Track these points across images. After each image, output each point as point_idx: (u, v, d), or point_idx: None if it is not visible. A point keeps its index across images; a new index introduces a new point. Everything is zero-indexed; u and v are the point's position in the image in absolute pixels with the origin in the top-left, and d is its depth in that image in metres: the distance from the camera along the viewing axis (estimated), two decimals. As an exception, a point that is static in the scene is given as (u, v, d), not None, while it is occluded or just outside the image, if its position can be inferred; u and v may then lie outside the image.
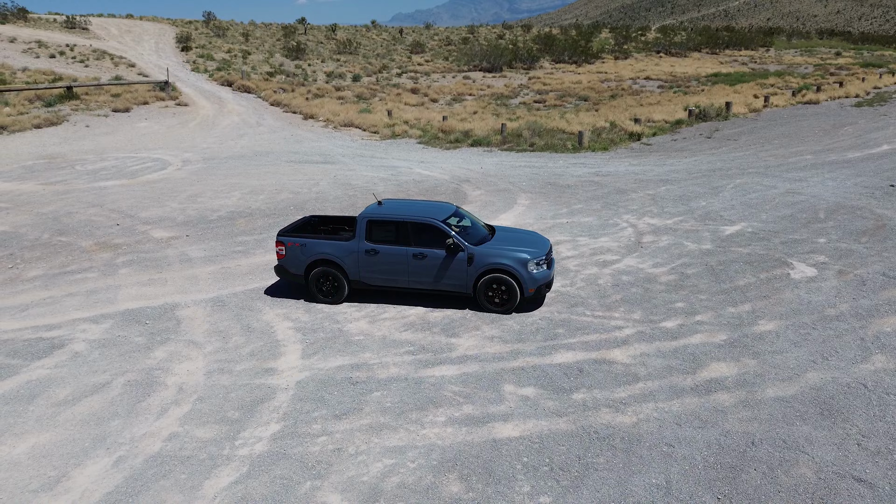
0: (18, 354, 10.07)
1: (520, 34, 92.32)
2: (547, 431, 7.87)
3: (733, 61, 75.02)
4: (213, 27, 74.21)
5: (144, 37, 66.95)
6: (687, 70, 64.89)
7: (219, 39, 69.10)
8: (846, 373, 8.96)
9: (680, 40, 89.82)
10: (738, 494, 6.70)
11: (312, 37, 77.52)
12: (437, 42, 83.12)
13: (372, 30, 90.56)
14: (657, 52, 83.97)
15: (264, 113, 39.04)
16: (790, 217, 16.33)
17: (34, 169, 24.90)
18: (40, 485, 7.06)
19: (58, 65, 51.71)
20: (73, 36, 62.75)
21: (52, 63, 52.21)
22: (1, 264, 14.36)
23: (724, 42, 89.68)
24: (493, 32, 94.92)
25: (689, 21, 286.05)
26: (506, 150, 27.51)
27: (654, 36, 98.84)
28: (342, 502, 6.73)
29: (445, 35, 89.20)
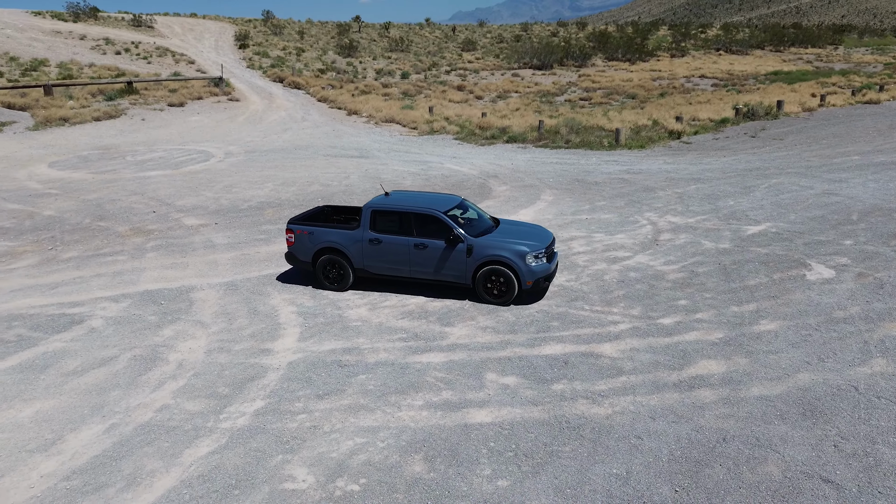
0: (40, 328, 10.78)
1: (574, 32, 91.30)
2: (519, 419, 7.96)
3: (798, 59, 72.30)
4: (271, 25, 76.24)
5: (205, 35, 69.35)
6: (746, 68, 62.95)
7: (275, 37, 70.95)
8: (840, 375, 8.71)
9: (742, 38, 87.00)
10: (696, 488, 6.66)
11: (366, 35, 78.67)
12: (490, 40, 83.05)
13: (425, 27, 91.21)
14: (717, 50, 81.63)
15: (311, 108, 39.97)
16: (820, 218, 15.79)
17: (88, 159, 26.27)
18: (37, 446, 7.60)
19: (122, 61, 54.17)
20: (138, 34, 65.57)
21: (117, 59, 54.74)
22: (42, 246, 15.30)
23: (789, 39, 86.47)
24: (546, 30, 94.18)
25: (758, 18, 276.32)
26: (541, 146, 27.41)
27: (716, 33, 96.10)
28: (307, 476, 7.01)
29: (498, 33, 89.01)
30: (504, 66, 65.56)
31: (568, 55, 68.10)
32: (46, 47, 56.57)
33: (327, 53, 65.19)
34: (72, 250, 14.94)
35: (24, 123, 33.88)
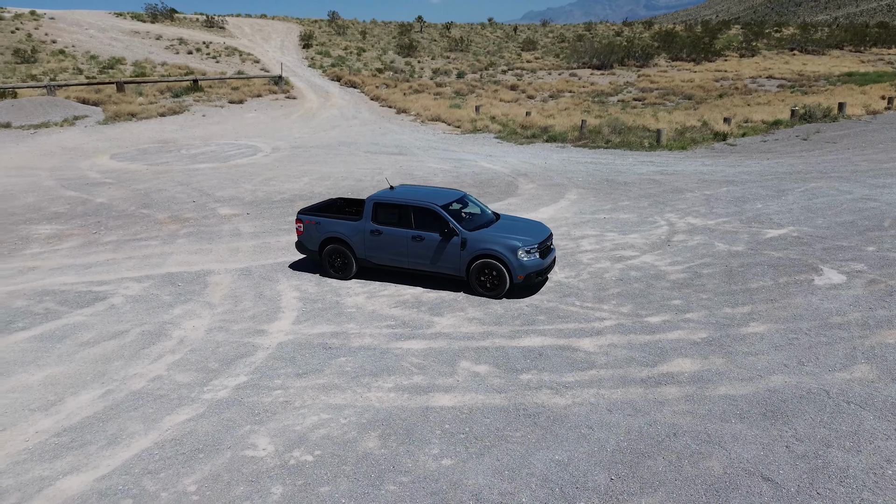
0: (67, 303, 11.76)
1: (639, 31, 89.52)
2: (480, 405, 8.24)
3: (878, 60, 68.70)
4: (335, 26, 78.20)
5: (273, 35, 71.84)
6: (819, 69, 60.32)
7: (338, 37, 72.77)
8: (815, 379, 8.57)
9: (820, 37, 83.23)
10: (633, 477, 6.78)
11: (427, 35, 79.58)
12: (551, 40, 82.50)
13: (487, 27, 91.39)
14: (791, 50, 78.43)
15: (362, 107, 40.96)
16: (849, 223, 15.26)
17: (147, 151, 27.91)
18: (38, 406, 8.42)
19: (192, 60, 56.84)
20: (210, 34, 68.57)
21: (188, 58, 57.47)
22: (87, 230, 16.52)
23: (871, 39, 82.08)
24: (611, 30, 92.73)
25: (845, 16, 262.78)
26: (580, 146, 27.30)
27: (791, 32, 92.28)
28: (268, 445, 7.52)
29: (560, 33, 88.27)
30: (563, 65, 65.10)
31: (629, 55, 67.00)
32: (124, 46, 60.00)
33: (387, 53, 66.38)
34: (112, 235, 16.07)
35: (96, 118, 36.19)
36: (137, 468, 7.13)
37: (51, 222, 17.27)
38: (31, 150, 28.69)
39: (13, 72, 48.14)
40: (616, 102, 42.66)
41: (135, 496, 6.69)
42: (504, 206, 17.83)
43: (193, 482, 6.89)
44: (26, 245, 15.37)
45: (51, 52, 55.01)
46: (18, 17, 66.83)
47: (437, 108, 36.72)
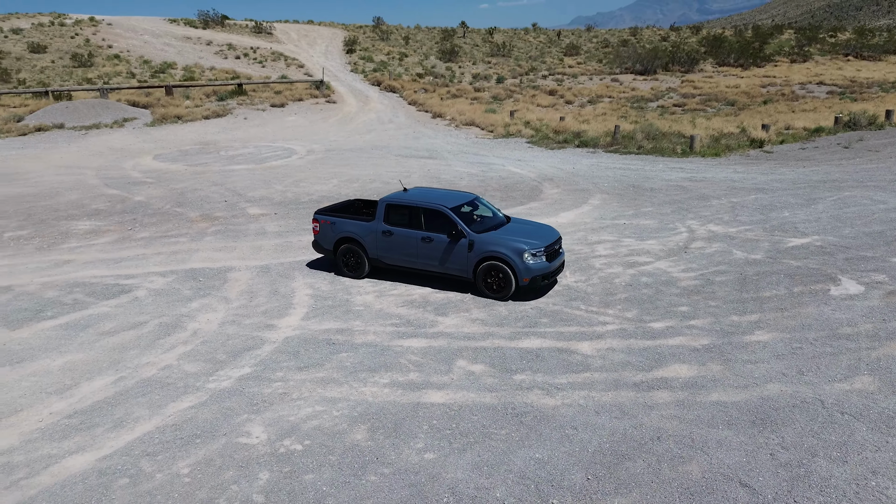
0: (94, 294, 12.38)
1: (687, 36, 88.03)
2: (470, 402, 8.40)
3: (938, 66, 66.01)
4: (379, 31, 79.27)
5: (318, 40, 73.30)
6: (873, 75, 58.39)
7: (381, 42, 73.75)
8: (813, 388, 8.45)
9: (878, 42, 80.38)
10: (609, 478, 6.85)
11: (470, 40, 79.94)
12: (595, 45, 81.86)
13: (531, 32, 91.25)
14: (845, 55, 75.99)
15: (399, 111, 41.48)
16: (877, 234, 14.85)
17: (188, 153, 28.92)
18: (55, 389, 8.94)
19: (239, 65, 58.48)
20: (258, 40, 70.40)
21: (235, 63, 59.15)
22: (123, 226, 17.29)
23: (932, 44, 78.76)
24: (657, 34, 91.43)
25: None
26: (611, 151, 27.13)
27: (847, 37, 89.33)
28: (261, 433, 7.84)
29: (605, 37, 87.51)
30: (605, 70, 64.58)
31: (674, 60, 66.03)
32: (176, 52, 62.13)
33: (428, 58, 66.98)
34: (145, 231, 16.78)
35: (144, 120, 37.63)
36: (137, 450, 7.53)
37: (90, 218, 18.12)
38: (81, 149, 30.06)
39: (70, 75, 50.40)
40: (655, 108, 42.15)
41: (131, 476, 7.08)
42: (526, 210, 17.92)
43: (187, 465, 7.24)
44: (65, 239, 16.18)
45: (106, 57, 57.36)
46: (78, 23, 69.89)
47: (472, 112, 36.95)
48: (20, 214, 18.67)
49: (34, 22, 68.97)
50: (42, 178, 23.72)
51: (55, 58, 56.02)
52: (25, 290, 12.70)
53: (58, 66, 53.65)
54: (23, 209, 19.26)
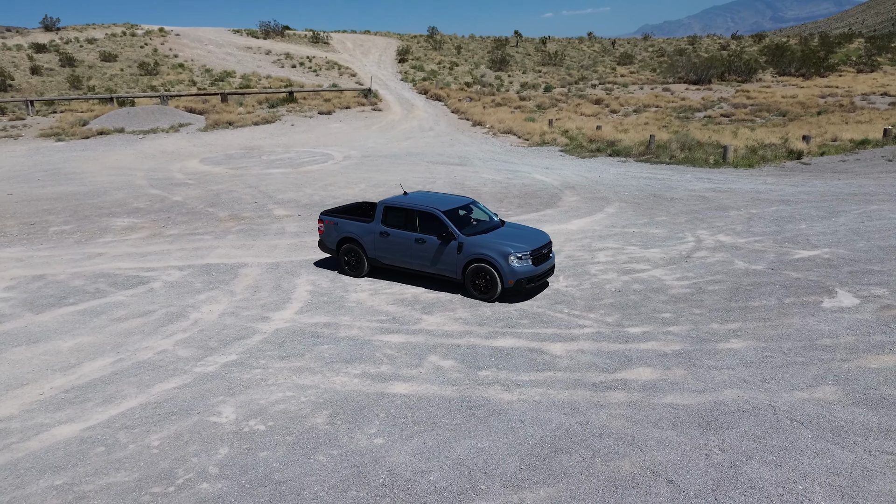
0: (115, 284, 13.37)
1: (748, 44, 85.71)
2: (430, 394, 8.80)
3: None
4: (432, 41, 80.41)
5: (372, 50, 74.98)
6: (944, 86, 55.59)
7: (434, 52, 74.81)
8: (771, 396, 8.48)
9: (955, 51, 76.42)
10: (542, 468, 7.13)
11: (523, 49, 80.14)
12: (650, 54, 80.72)
13: (585, 41, 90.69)
14: (918, 65, 72.45)
15: (441, 119, 42.14)
16: (892, 248, 14.47)
17: (232, 156, 30.30)
18: (60, 367, 9.81)
19: (294, 73, 60.46)
20: (314, 49, 72.57)
21: (291, 72, 61.18)
22: (157, 224, 18.43)
23: None
24: (717, 43, 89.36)
25: None
26: (643, 161, 26.97)
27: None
28: (231, 413, 8.45)
29: (661, 46, 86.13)
30: (658, 80, 63.66)
31: (730, 69, 64.58)
32: (237, 61, 64.74)
33: (479, 67, 67.57)
34: (175, 229, 17.85)
35: (198, 125, 39.51)
36: (118, 423, 8.26)
37: (129, 216, 19.37)
38: (136, 152, 31.89)
39: (136, 83, 53.29)
40: (701, 118, 41.42)
41: (107, 445, 7.79)
42: (539, 216, 18.17)
43: (158, 438, 7.91)
44: (103, 234, 17.39)
45: (171, 66, 60.33)
46: (149, 33, 73.69)
47: (512, 121, 37.24)
48: (68, 211, 20.11)
49: (108, 32, 73.13)
50: (95, 178, 25.38)
51: (124, 66, 59.31)
52: (56, 278, 13.81)
53: (126, 74, 56.79)
54: (71, 206, 20.73)
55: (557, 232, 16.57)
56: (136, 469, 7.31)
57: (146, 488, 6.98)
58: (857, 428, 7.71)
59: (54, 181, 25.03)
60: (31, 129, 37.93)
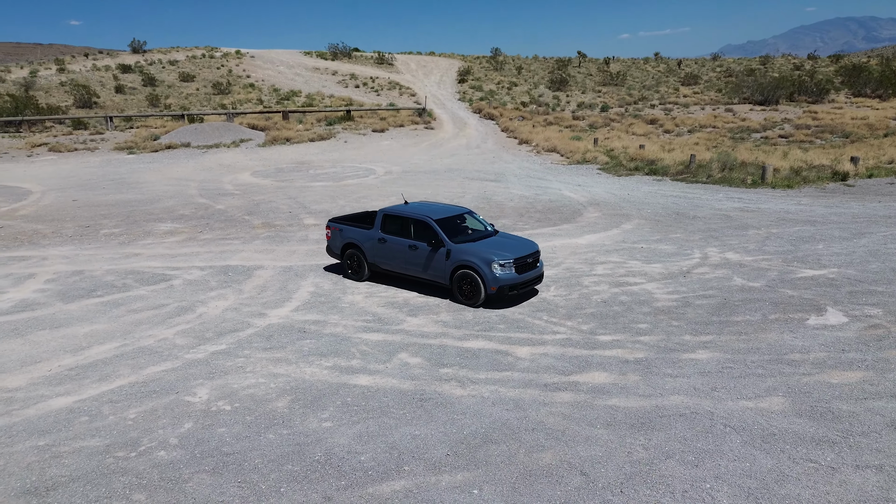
0: (141, 281, 14.60)
1: (824, 65, 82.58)
2: (389, 387, 9.36)
3: None
4: (494, 62, 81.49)
5: (434, 71, 76.72)
6: None
7: (494, 72, 75.81)
8: (715, 403, 8.60)
9: None
10: (467, 455, 7.55)
11: (585, 69, 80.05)
12: (718, 74, 79.00)
13: (650, 62, 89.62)
14: None
15: (490, 138, 42.81)
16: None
17: (283, 170, 31.90)
18: (72, 349, 10.93)
19: (357, 93, 62.62)
20: (379, 70, 74.93)
21: (353, 91, 63.41)
22: (195, 229, 19.82)
23: None
24: (790, 63, 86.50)
25: None
26: (678, 180, 26.74)
27: None
28: (204, 394, 9.27)
29: (729, 67, 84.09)
30: (723, 100, 62.35)
31: (800, 90, 62.56)
32: (304, 81, 67.66)
33: (538, 87, 68.00)
34: (209, 234, 19.17)
35: (257, 141, 41.68)
36: (106, 398, 9.21)
37: (173, 221, 20.89)
38: (196, 165, 34.03)
39: (208, 101, 56.58)
40: (758, 139, 40.41)
41: (91, 415, 8.73)
42: (554, 230, 18.48)
43: (135, 412, 8.80)
44: (145, 237, 18.88)
45: (242, 85, 63.70)
46: (226, 55, 78.02)
47: (558, 139, 37.50)
48: (121, 216, 21.85)
49: (189, 55, 77.91)
50: (153, 188, 27.34)
51: (200, 86, 63.06)
52: (92, 274, 15.19)
53: (200, 93, 60.37)
54: (125, 212, 22.50)
55: (567, 246, 16.85)
56: (108, 436, 8.19)
57: (112, 452, 7.83)
58: (789, 436, 7.76)
59: (117, 190, 27.12)
60: (108, 142, 41.01)
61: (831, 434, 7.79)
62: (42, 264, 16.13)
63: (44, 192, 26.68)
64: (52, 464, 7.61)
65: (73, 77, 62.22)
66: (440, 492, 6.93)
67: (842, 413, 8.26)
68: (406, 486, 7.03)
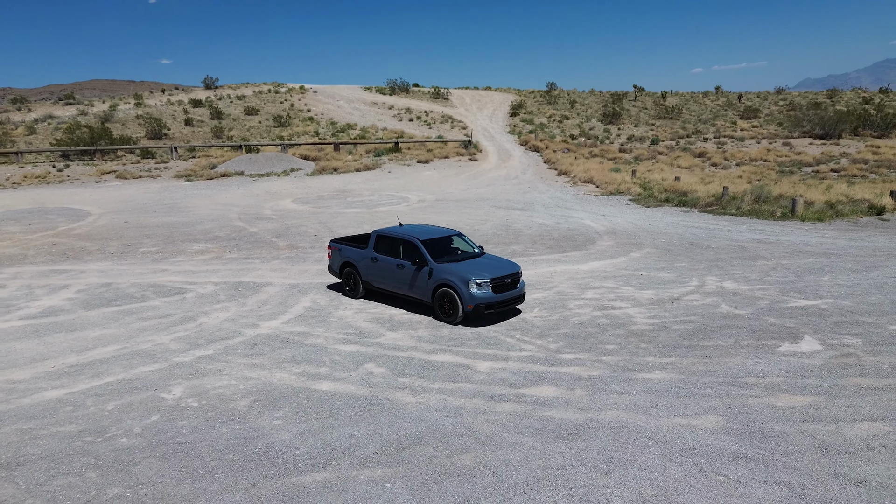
0: (159, 293, 15.78)
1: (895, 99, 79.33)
2: (345, 392, 9.95)
3: None
4: (548, 96, 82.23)
5: (488, 105, 78.09)
6: None
7: (547, 106, 76.46)
8: (648, 418, 8.77)
9: None
10: (393, 454, 8.03)
11: (640, 103, 79.67)
12: (780, 107, 77.09)
13: (710, 95, 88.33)
14: None
15: (530, 169, 43.30)
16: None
17: (322, 197, 33.31)
18: (78, 349, 12.04)
19: (410, 126, 64.44)
20: (434, 104, 76.86)
21: (407, 125, 65.28)
22: (224, 249, 21.11)
23: None
24: (860, 96, 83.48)
25: None
26: (706, 211, 26.47)
27: None
28: (178, 392, 10.09)
29: (792, 100, 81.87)
30: (782, 134, 60.88)
31: (865, 124, 60.43)
32: (361, 115, 70.15)
33: (589, 121, 68.16)
34: (236, 253, 20.39)
35: (306, 171, 43.56)
36: (93, 392, 10.16)
37: (207, 242, 22.29)
38: (244, 192, 35.92)
39: (268, 133, 59.48)
40: (807, 173, 39.34)
41: (75, 405, 9.68)
42: (561, 257, 18.77)
43: (114, 405, 9.70)
44: (177, 255, 20.26)
45: (302, 119, 66.64)
46: (290, 90, 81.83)
47: (597, 171, 37.63)
48: (162, 236, 23.46)
49: (256, 90, 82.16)
50: (199, 212, 29.12)
51: (262, 119, 66.38)
52: (118, 286, 16.52)
53: (262, 125, 63.55)
54: (167, 233, 24.13)
55: (567, 272, 17.13)
56: (83, 424, 9.09)
57: (81, 437, 8.71)
58: (708, 451, 7.88)
59: (166, 213, 29.03)
60: (170, 170, 43.77)
61: (752, 451, 7.86)
62: (79, 277, 17.61)
63: (101, 215, 28.84)
64: (29, 444, 8.54)
65: (148, 111, 66.70)
66: (356, 484, 7.43)
67: (772, 433, 8.30)
68: (327, 478, 7.57)
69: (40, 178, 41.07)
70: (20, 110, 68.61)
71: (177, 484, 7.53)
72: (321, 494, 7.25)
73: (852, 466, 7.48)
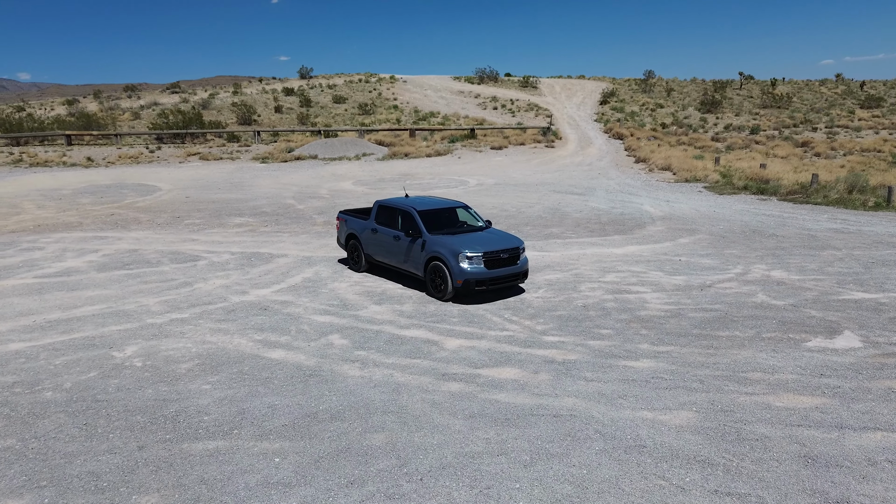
0: (175, 260, 15.78)
1: None
2: (292, 361, 9.24)
3: None
4: (643, 84, 78.37)
5: (578, 93, 75.47)
6: None
7: (641, 94, 72.84)
8: (609, 409, 7.48)
9: None
10: (304, 427, 7.23)
11: (746, 91, 74.32)
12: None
13: (827, 83, 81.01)
14: None
15: (608, 156, 41.10)
16: None
17: (383, 180, 32.99)
18: (67, 306, 12.06)
19: (493, 114, 63.30)
20: (521, 93, 75.21)
21: (490, 113, 64.18)
22: (262, 223, 21.07)
23: None
24: None
25: None
26: (786, 200, 23.78)
27: None
28: (130, 351, 9.76)
29: (923, 89, 73.55)
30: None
31: None
32: (445, 103, 69.71)
33: (685, 109, 64.25)
34: (270, 227, 20.28)
35: (377, 155, 43.55)
36: (54, 345, 10.03)
37: (251, 217, 22.38)
38: (311, 174, 36.26)
39: (352, 120, 60.23)
40: (924, 164, 34.85)
41: (28, 358, 9.55)
42: (601, 240, 17.31)
43: (63, 360, 9.48)
44: (216, 227, 20.41)
45: (387, 107, 67.06)
46: (380, 80, 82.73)
47: (678, 159, 35.06)
48: (212, 211, 23.84)
49: (347, 80, 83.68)
50: (258, 190, 29.55)
51: (349, 107, 67.38)
52: (142, 252, 16.70)
53: (348, 113, 64.48)
54: (218, 208, 24.52)
55: (598, 254, 15.67)
56: (22, 375, 8.91)
57: (11, 389, 8.50)
58: (661, 452, 6.53)
59: (228, 190, 29.66)
60: (250, 153, 45.08)
61: (715, 455, 6.43)
62: (114, 243, 18.01)
63: (169, 191, 29.87)
64: (-39, 391, 8.41)
65: (243, 99, 69.43)
66: (245, 456, 6.69)
67: (751, 436, 6.79)
68: (218, 447, 6.88)
69: (133, 158, 43.44)
70: (130, 97, 73.42)
71: (68, 441, 7.08)
72: (202, 464, 6.56)
73: (838, 483, 5.91)
